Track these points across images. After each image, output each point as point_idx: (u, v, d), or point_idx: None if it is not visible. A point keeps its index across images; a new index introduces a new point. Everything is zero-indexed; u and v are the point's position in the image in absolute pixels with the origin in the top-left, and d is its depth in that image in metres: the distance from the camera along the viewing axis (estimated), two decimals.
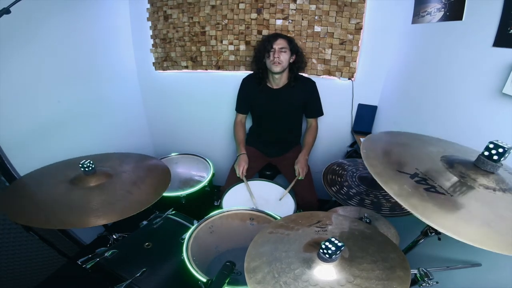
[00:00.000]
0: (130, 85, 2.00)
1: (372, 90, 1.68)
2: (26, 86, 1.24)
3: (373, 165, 0.60)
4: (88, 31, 1.55)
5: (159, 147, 2.32)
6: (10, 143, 1.19)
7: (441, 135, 1.08)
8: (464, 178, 0.56)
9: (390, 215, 1.00)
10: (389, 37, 1.52)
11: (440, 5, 1.12)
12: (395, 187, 0.53)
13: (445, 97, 1.08)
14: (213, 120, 2.04)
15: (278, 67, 1.38)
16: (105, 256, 0.88)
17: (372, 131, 1.76)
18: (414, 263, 0.65)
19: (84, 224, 0.73)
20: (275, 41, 1.37)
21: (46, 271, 1.41)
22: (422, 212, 0.47)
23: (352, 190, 1.13)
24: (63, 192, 0.84)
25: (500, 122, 0.81)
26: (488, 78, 0.85)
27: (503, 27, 0.79)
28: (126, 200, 0.82)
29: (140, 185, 0.90)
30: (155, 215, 1.14)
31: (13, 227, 1.19)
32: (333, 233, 0.70)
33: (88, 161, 0.88)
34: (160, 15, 1.78)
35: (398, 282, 0.55)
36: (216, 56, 1.78)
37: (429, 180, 0.56)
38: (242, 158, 1.48)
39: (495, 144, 0.53)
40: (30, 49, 1.23)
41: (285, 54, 1.38)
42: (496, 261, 0.79)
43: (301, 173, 1.42)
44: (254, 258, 0.61)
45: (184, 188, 1.42)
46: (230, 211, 1.03)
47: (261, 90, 1.52)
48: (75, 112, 1.52)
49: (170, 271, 0.89)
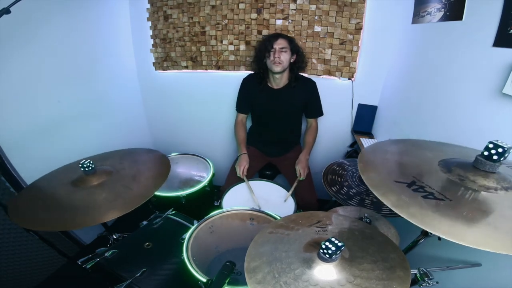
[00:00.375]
0: (130, 85, 2.00)
1: (372, 90, 1.68)
2: (26, 86, 1.24)
3: (370, 178, 0.61)
4: (88, 31, 1.56)
5: (159, 146, 2.32)
6: (10, 143, 1.19)
7: (441, 135, 1.08)
8: (463, 181, 0.56)
9: (390, 215, 1.00)
10: (389, 37, 1.52)
11: (440, 5, 1.12)
12: (393, 199, 0.53)
13: (445, 97, 1.08)
14: (213, 120, 2.04)
15: (278, 67, 1.38)
16: (105, 256, 0.88)
17: (372, 131, 1.76)
18: (414, 263, 0.65)
19: (88, 223, 0.73)
20: (276, 41, 1.37)
21: (46, 271, 1.41)
22: (421, 220, 0.47)
23: (352, 190, 1.13)
24: (67, 194, 0.85)
25: (500, 122, 0.81)
26: (488, 78, 0.85)
27: (503, 27, 0.79)
28: (127, 195, 0.82)
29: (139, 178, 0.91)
30: (155, 215, 1.14)
31: (13, 227, 1.19)
32: (333, 233, 0.70)
33: (88, 161, 0.88)
34: (160, 15, 1.78)
35: (398, 282, 0.55)
36: (216, 56, 1.78)
37: (426, 187, 0.56)
38: (243, 158, 1.48)
39: (494, 144, 0.53)
40: (30, 49, 1.23)
41: (285, 54, 1.38)
42: (496, 261, 0.79)
43: (302, 174, 1.42)
44: (254, 258, 0.61)
45: (184, 188, 1.41)
46: (230, 211, 1.03)
47: (261, 90, 1.52)
48: (75, 112, 1.52)
49: (170, 271, 0.89)
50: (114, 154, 1.10)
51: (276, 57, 1.36)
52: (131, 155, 1.09)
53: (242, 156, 1.49)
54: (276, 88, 1.51)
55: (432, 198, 0.52)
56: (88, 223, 0.73)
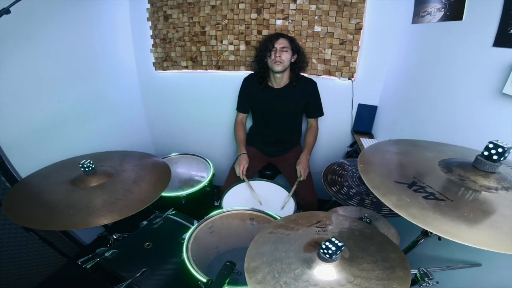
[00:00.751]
0: (130, 85, 2.00)
1: (372, 90, 1.68)
2: (26, 86, 1.24)
3: (371, 178, 0.60)
4: (88, 31, 1.55)
5: (159, 147, 2.32)
6: (10, 143, 1.19)
7: (441, 135, 1.08)
8: (464, 181, 0.56)
9: (390, 215, 1.00)
10: (389, 37, 1.52)
11: (440, 5, 1.12)
12: (393, 199, 0.53)
13: (445, 97, 1.08)
14: (213, 120, 2.04)
15: (279, 66, 1.38)
16: (105, 256, 0.88)
17: (372, 131, 1.76)
18: (414, 263, 0.65)
19: (86, 224, 0.73)
20: (277, 41, 1.37)
21: (46, 271, 1.41)
22: (422, 220, 0.47)
23: (352, 190, 1.13)
24: (65, 193, 0.85)
25: (500, 122, 0.81)
26: (488, 78, 0.85)
27: (503, 27, 0.79)
28: (127, 199, 0.82)
29: (140, 183, 0.90)
30: (155, 215, 1.14)
31: (13, 227, 1.19)
32: (333, 233, 0.70)
33: (88, 161, 0.88)
34: (160, 15, 1.78)
35: (398, 282, 0.55)
36: (216, 56, 1.78)
37: (427, 187, 0.56)
38: (242, 158, 1.48)
39: (494, 144, 0.53)
40: (30, 49, 1.23)
41: (286, 54, 1.38)
42: (496, 261, 0.79)
43: (303, 174, 1.42)
44: (254, 258, 0.61)
45: (184, 188, 1.41)
46: (230, 211, 1.03)
47: (262, 90, 1.52)
48: (75, 112, 1.52)
49: (170, 271, 0.89)
50: (114, 154, 1.10)
51: (277, 56, 1.36)
52: (132, 158, 1.09)
53: (242, 156, 1.50)
54: (277, 88, 1.51)
55: (433, 199, 0.52)
56: (86, 224, 0.73)
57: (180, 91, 2.00)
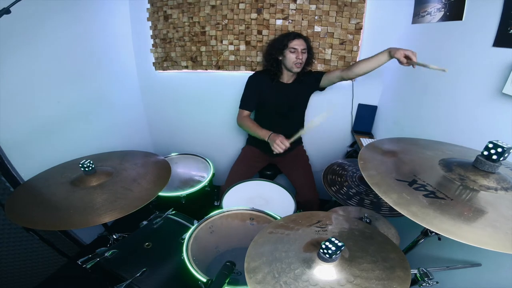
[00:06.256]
0: (130, 85, 2.00)
1: (372, 90, 1.68)
2: (26, 86, 1.24)
3: (371, 175, 0.60)
4: (88, 31, 1.55)
5: (159, 147, 2.32)
6: (10, 143, 1.19)
7: (441, 135, 1.08)
8: (464, 180, 0.56)
9: (390, 215, 1.00)
10: (389, 37, 1.51)
11: (440, 5, 1.12)
12: (394, 196, 0.53)
13: (445, 97, 1.08)
14: (213, 120, 2.04)
15: (300, 68, 1.40)
16: (105, 256, 0.88)
17: (372, 131, 1.76)
18: (414, 263, 0.65)
19: (87, 223, 0.73)
20: (297, 42, 1.36)
21: (46, 271, 1.41)
22: (422, 218, 0.47)
23: (352, 190, 1.13)
24: (65, 193, 0.85)
25: (500, 122, 0.81)
26: (488, 78, 0.85)
27: (503, 27, 0.79)
28: (127, 197, 0.82)
29: (140, 181, 0.91)
30: (155, 215, 1.14)
31: (13, 227, 1.19)
32: (333, 233, 0.70)
33: (88, 161, 0.88)
34: (160, 15, 1.78)
35: (398, 282, 0.55)
36: (216, 56, 1.78)
37: (428, 185, 0.56)
38: (274, 135, 1.33)
39: (494, 144, 0.53)
40: (30, 49, 1.23)
41: (305, 55, 1.40)
42: (496, 261, 0.79)
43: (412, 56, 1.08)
44: (254, 258, 0.61)
45: (184, 188, 1.41)
46: (230, 211, 1.03)
47: (273, 86, 1.50)
48: (75, 112, 1.52)
49: (170, 271, 0.89)
50: (114, 154, 1.10)
51: (300, 58, 1.37)
52: (132, 157, 1.09)
53: (272, 136, 1.34)
54: (286, 83, 1.51)
55: (433, 197, 0.52)
56: (87, 223, 0.73)
57: (180, 91, 2.00)
